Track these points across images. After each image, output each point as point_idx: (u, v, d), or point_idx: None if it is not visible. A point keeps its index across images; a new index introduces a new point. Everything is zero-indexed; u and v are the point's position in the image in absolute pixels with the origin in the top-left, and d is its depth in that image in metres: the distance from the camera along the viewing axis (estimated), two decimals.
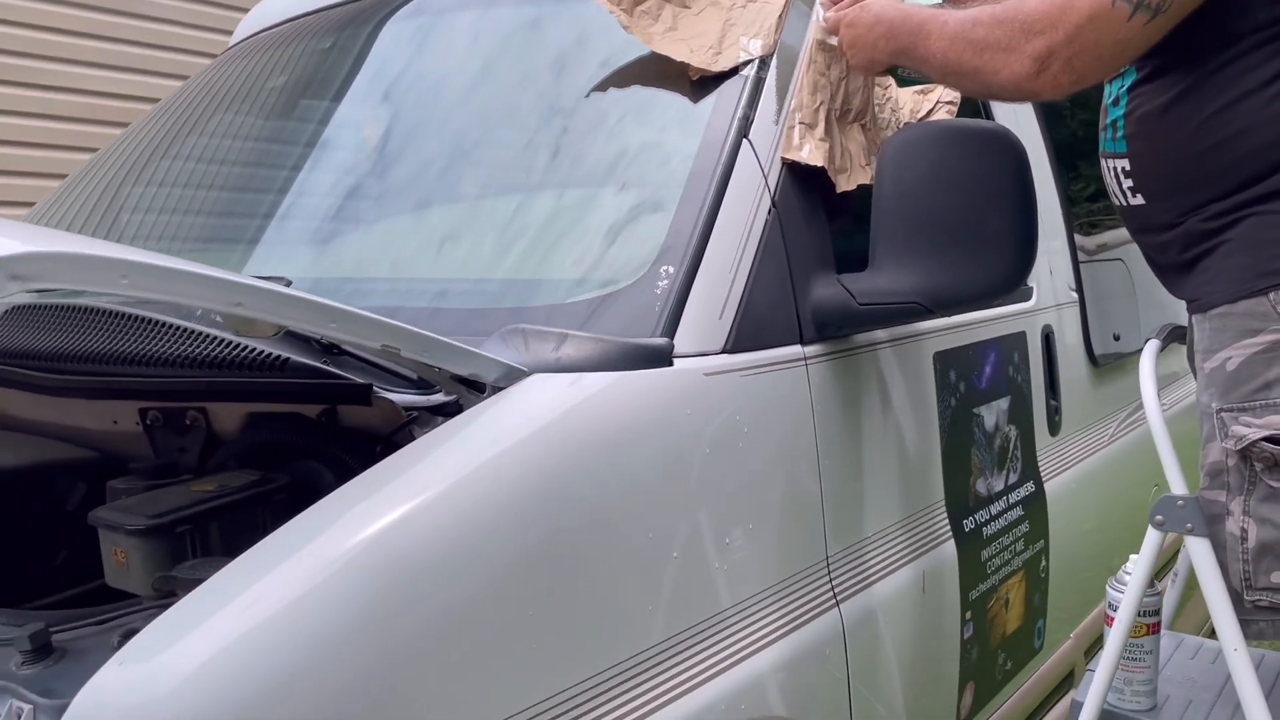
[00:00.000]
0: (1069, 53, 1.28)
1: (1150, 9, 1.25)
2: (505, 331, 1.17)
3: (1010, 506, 1.90)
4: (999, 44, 1.33)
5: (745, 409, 1.27)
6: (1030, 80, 1.32)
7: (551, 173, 1.50)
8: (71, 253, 0.72)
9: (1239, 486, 1.33)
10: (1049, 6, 1.30)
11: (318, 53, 1.97)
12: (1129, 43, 1.28)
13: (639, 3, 1.55)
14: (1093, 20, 1.26)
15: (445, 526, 0.93)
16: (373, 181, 1.68)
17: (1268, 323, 1.30)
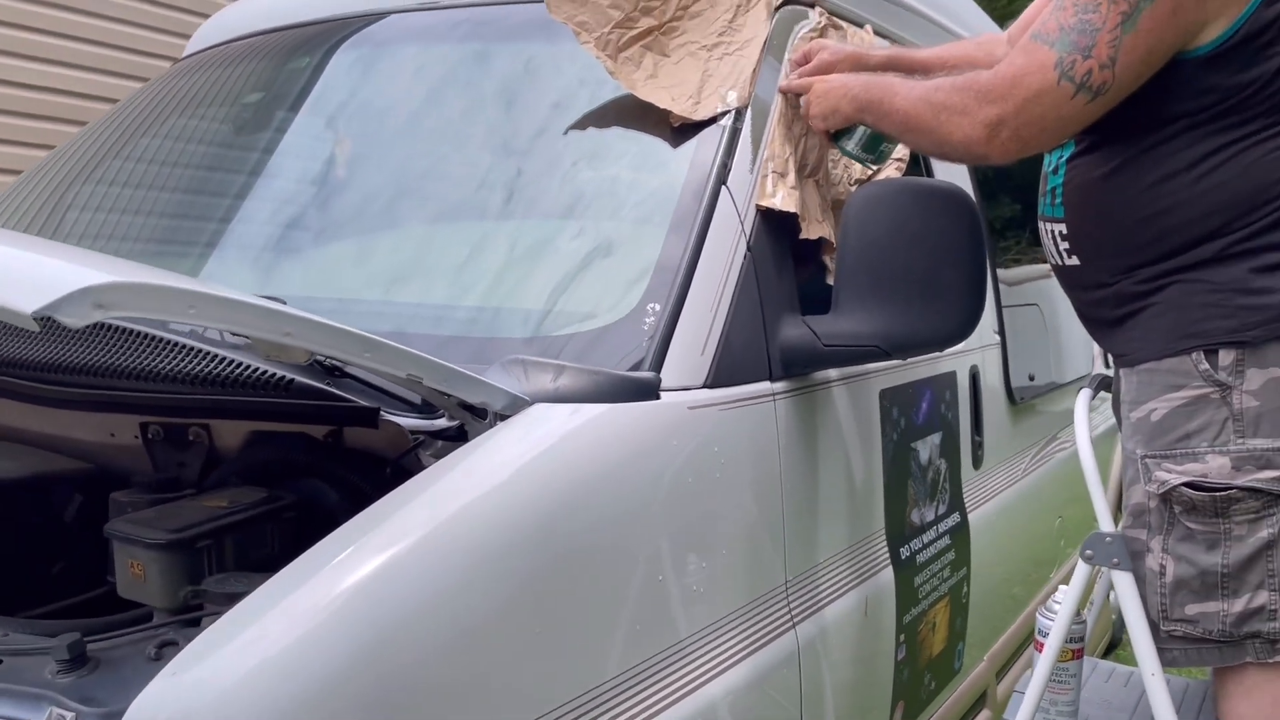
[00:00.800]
0: (1017, 123, 1.41)
1: (1091, 90, 1.39)
2: (506, 362, 1.23)
3: (939, 535, 2.03)
4: (956, 108, 1.45)
5: (723, 441, 1.35)
6: (981, 144, 1.45)
7: (538, 205, 1.57)
8: (149, 284, 0.76)
9: (1159, 526, 1.46)
10: (1002, 79, 1.43)
11: (291, 70, 1.99)
12: (1071, 119, 1.42)
13: (622, 49, 1.63)
14: (1040, 96, 1.40)
15: (466, 547, 0.98)
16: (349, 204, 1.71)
17: (1189, 380, 1.44)
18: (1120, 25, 1.36)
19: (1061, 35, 1.39)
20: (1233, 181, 1.43)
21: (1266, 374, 1.40)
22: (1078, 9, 1.39)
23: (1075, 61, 1.38)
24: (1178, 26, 1.38)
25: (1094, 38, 1.37)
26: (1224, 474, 1.40)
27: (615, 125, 1.63)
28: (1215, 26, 1.40)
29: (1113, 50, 1.37)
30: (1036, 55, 1.41)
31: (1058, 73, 1.38)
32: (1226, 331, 1.41)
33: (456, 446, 1.13)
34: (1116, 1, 1.36)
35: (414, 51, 1.89)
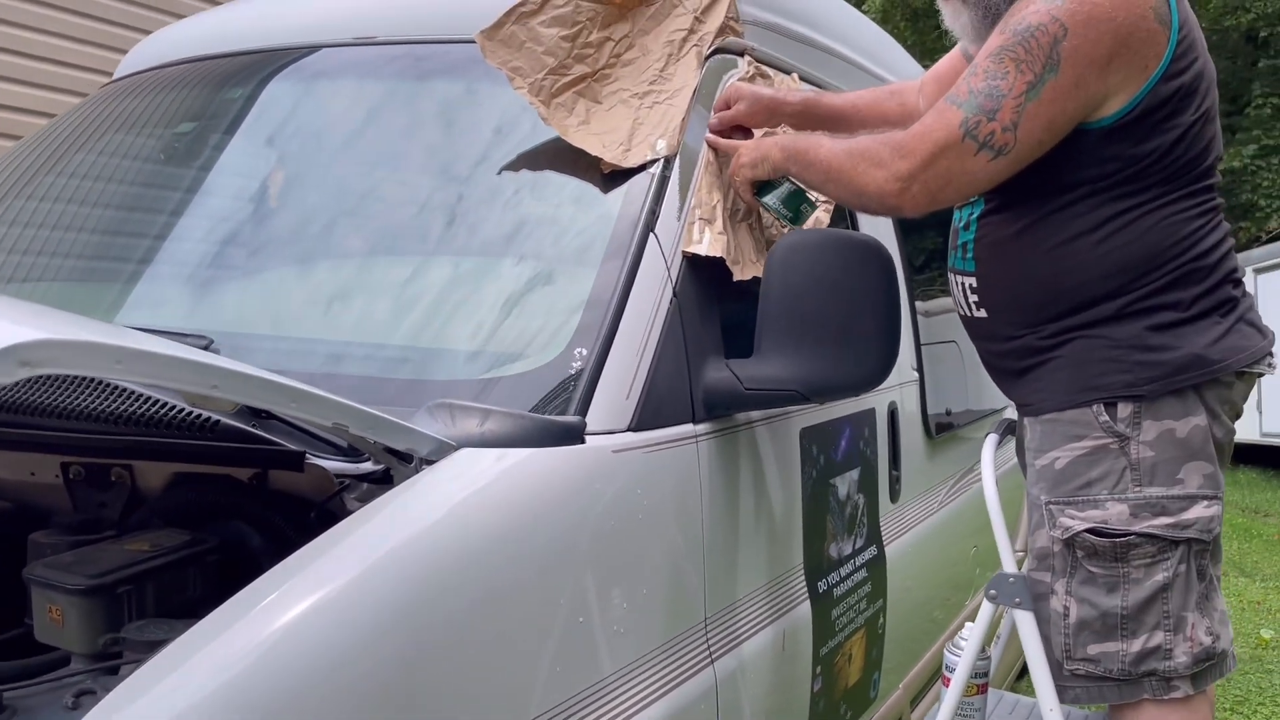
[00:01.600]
0: (925, 176, 1.49)
1: (993, 149, 1.47)
2: (432, 406, 1.25)
3: (857, 568, 2.09)
4: (874, 159, 1.53)
5: (645, 484, 1.39)
6: (893, 196, 1.52)
7: (468, 247, 1.59)
8: (75, 340, 0.77)
9: (1063, 570, 1.54)
10: (913, 135, 1.51)
11: (222, 100, 1.99)
12: (975, 175, 1.50)
13: (556, 95, 1.67)
14: (945, 151, 1.48)
15: (391, 591, 1.00)
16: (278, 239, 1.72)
17: (1090, 430, 1.52)
18: (1025, 93, 1.45)
19: (970, 98, 1.47)
20: (1131, 245, 1.52)
21: (1161, 426, 1.49)
22: (987, 75, 1.47)
23: (980, 122, 1.46)
24: (1079, 99, 1.47)
25: (999, 102, 1.45)
26: (1123, 520, 1.48)
27: (547, 169, 1.67)
28: (1116, 100, 1.49)
29: (1016, 115, 1.45)
30: (945, 115, 1.49)
31: (963, 131, 1.46)
32: (1124, 385, 1.50)
33: (382, 490, 1.15)
34: (1023, 71, 1.45)
35: (347, 86, 1.90)
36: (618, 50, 1.76)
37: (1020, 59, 1.46)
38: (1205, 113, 1.56)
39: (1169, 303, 1.50)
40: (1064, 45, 1.44)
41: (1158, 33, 1.48)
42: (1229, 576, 6.74)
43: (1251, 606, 5.99)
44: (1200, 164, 1.55)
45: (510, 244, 1.58)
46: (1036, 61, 1.45)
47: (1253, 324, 1.57)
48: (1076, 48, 1.44)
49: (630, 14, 1.80)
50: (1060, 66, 1.44)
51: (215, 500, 1.31)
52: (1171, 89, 1.50)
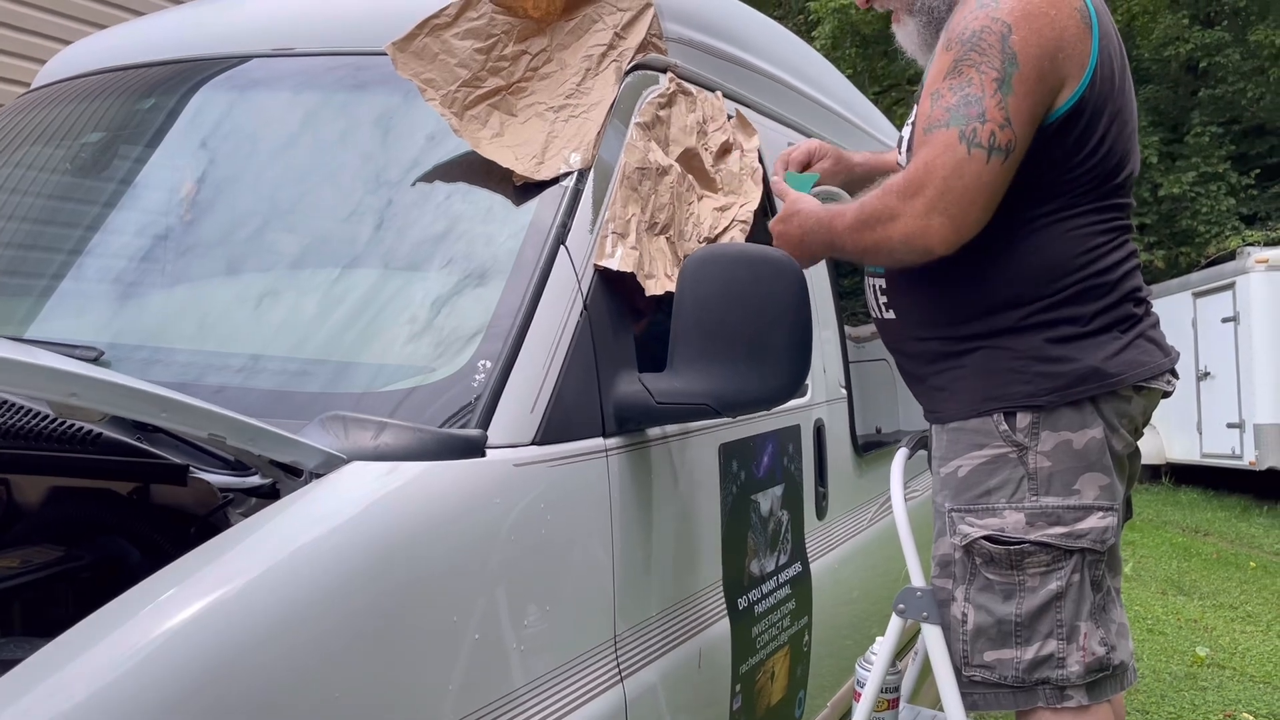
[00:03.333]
0: (944, 204, 1.47)
1: (1002, 150, 1.46)
2: (325, 418, 1.22)
3: (780, 585, 2.09)
4: (885, 215, 1.52)
5: (550, 498, 1.37)
6: (919, 237, 1.50)
7: (377, 259, 1.57)
8: None
9: (963, 576, 1.55)
10: (916, 171, 1.49)
11: (137, 111, 1.95)
12: (994, 183, 1.48)
13: (469, 107, 1.66)
14: (958, 170, 1.46)
15: (264, 612, 0.97)
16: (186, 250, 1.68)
17: (991, 439, 1.54)
18: (998, 90, 1.45)
19: (951, 114, 1.47)
20: (1034, 255, 1.53)
21: (1058, 436, 1.51)
22: (953, 88, 1.48)
23: (975, 129, 1.45)
24: (1045, 88, 1.48)
25: (981, 105, 1.45)
26: (1019, 529, 1.50)
27: (458, 181, 1.65)
28: (1064, 93, 1.50)
29: (1003, 112, 1.45)
30: (938, 139, 1.48)
31: (964, 144, 1.45)
32: (1024, 396, 1.52)
33: (269, 504, 1.12)
34: (986, 72, 1.45)
35: (263, 97, 1.88)
36: (534, 64, 1.75)
37: (977, 63, 1.46)
38: (1123, 126, 1.58)
39: (1069, 316, 1.52)
40: (1013, 39, 1.45)
41: (1085, 32, 1.51)
42: (1167, 596, 6.85)
43: (1189, 624, 6.08)
44: (1113, 178, 1.57)
45: (419, 256, 1.56)
46: (994, 60, 1.45)
47: (1154, 341, 1.59)
48: (1025, 39, 1.45)
49: (548, 28, 1.79)
50: (1017, 59, 1.45)
51: (96, 516, 1.27)
52: (1095, 93, 1.52)
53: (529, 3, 1.75)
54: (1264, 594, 6.93)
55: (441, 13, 1.68)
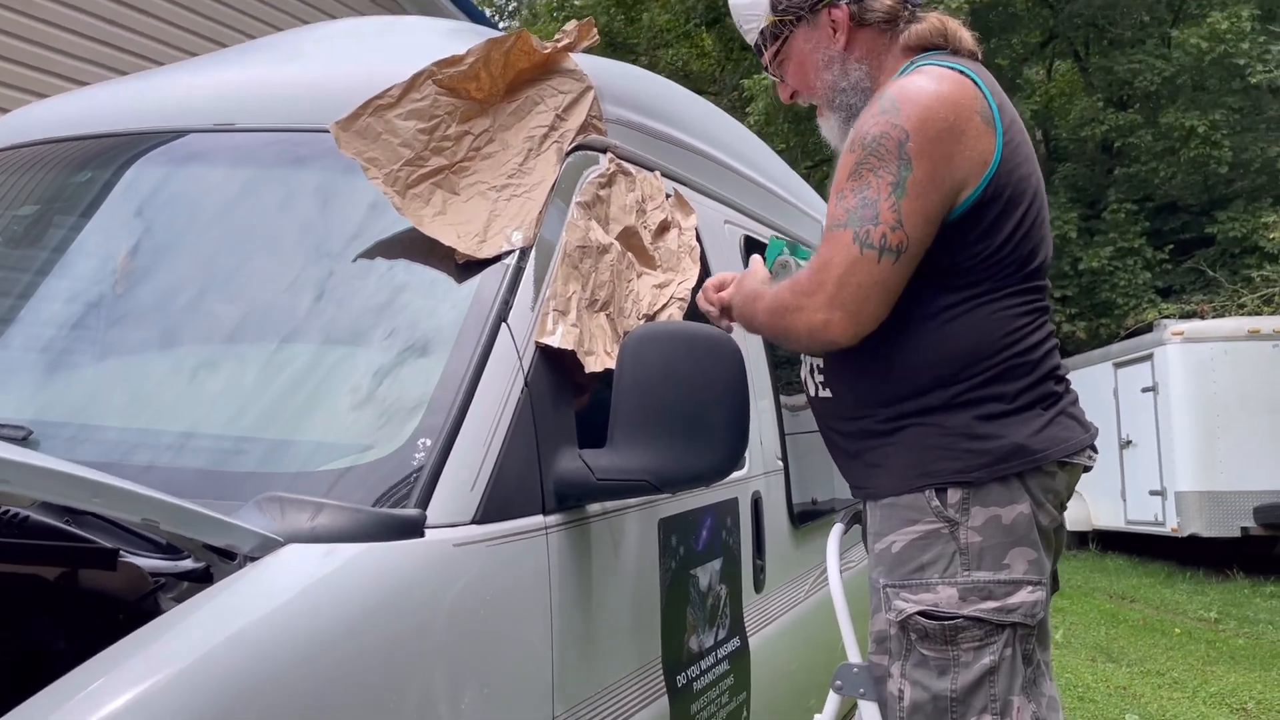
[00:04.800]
0: (841, 300, 1.56)
1: (893, 251, 1.54)
2: (262, 499, 1.21)
3: (719, 661, 2.08)
4: (793, 307, 1.61)
5: (489, 578, 1.36)
6: (821, 331, 1.59)
7: (316, 335, 1.56)
8: None
9: (898, 652, 1.57)
10: (815, 270, 1.59)
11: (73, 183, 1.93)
12: (887, 282, 1.57)
13: (412, 186, 1.68)
14: (850, 270, 1.55)
15: (196, 702, 0.95)
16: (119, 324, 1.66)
17: (923, 515, 1.57)
18: (893, 193, 1.53)
19: (849, 215, 1.55)
20: (959, 336, 1.59)
21: (988, 512, 1.55)
22: (853, 190, 1.56)
23: (868, 232, 1.53)
24: (941, 191, 1.55)
25: (876, 208, 1.53)
26: (952, 604, 1.53)
27: (400, 259, 1.66)
28: (964, 192, 1.58)
29: (896, 215, 1.53)
30: (836, 239, 1.57)
31: (858, 245, 1.54)
32: (954, 472, 1.56)
33: (203, 589, 1.10)
34: (882, 176, 1.53)
35: (204, 172, 1.87)
36: (477, 144, 1.78)
37: (874, 167, 1.54)
38: (1035, 216, 1.66)
39: (995, 395, 1.58)
40: (909, 146, 1.54)
41: (986, 132, 1.59)
42: (1096, 662, 6.94)
43: (1118, 692, 6.17)
44: (1029, 264, 1.64)
45: (359, 333, 1.56)
46: (890, 165, 1.53)
47: (1074, 417, 1.65)
48: (921, 146, 1.54)
49: (491, 109, 1.83)
50: (913, 164, 1.53)
51: (20, 603, 1.23)
52: (1002, 185, 1.60)
53: (472, 85, 1.78)
54: (1189, 660, 7.06)
55: (385, 93, 1.71)
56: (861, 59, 1.77)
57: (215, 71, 2.21)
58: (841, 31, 1.77)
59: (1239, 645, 7.55)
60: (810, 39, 1.80)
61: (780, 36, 1.83)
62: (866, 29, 1.77)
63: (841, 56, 1.78)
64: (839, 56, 1.78)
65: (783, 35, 1.83)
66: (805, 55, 1.82)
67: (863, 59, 1.77)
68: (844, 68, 1.78)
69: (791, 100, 1.93)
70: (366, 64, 2.04)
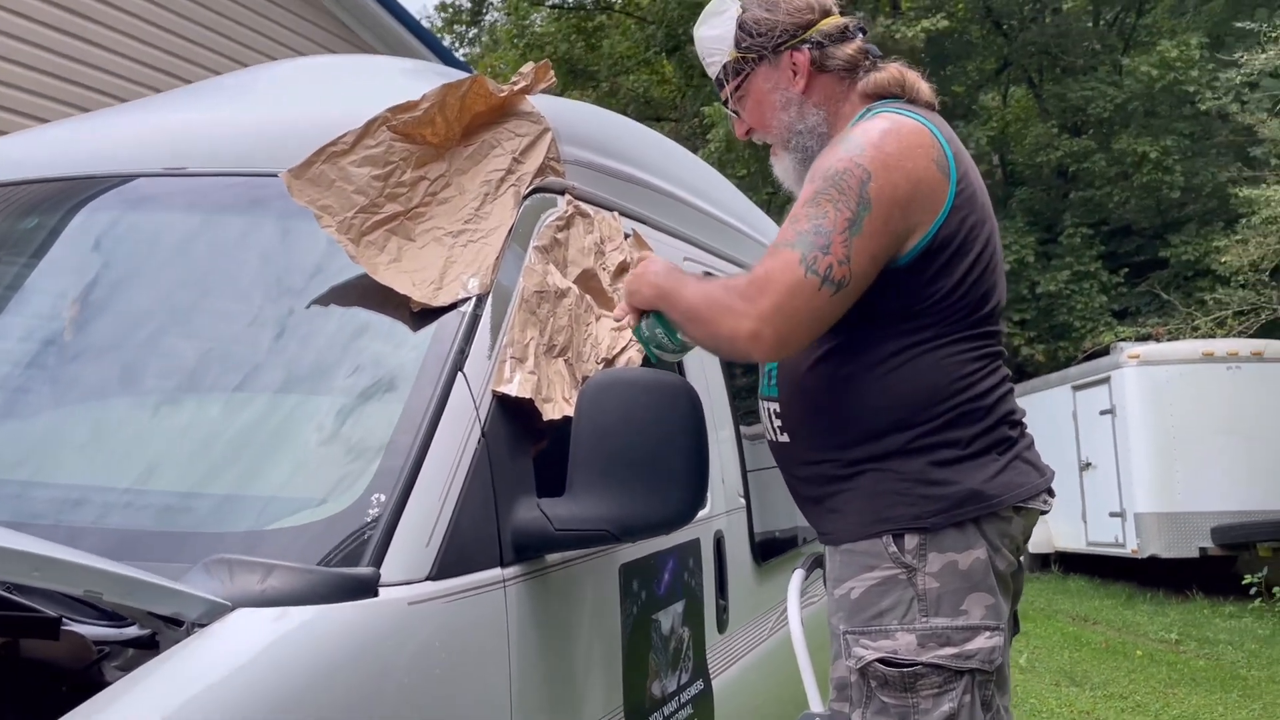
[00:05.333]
0: (775, 319, 1.53)
1: (834, 284, 1.53)
2: (210, 562, 1.18)
3: (681, 706, 2.06)
4: (727, 306, 1.57)
5: (445, 636, 1.34)
6: (745, 340, 1.56)
7: (263, 387, 1.54)
8: None
9: (859, 700, 1.56)
10: (756, 279, 1.56)
11: (19, 229, 1.90)
12: (820, 311, 1.55)
13: (366, 233, 1.66)
14: (792, 291, 1.53)
15: None
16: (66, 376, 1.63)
17: (881, 561, 1.57)
18: (848, 229, 1.53)
19: (800, 238, 1.54)
20: (912, 381, 1.60)
21: (945, 558, 1.55)
22: (809, 216, 1.55)
23: (817, 258, 1.52)
24: (890, 234, 1.56)
25: (829, 238, 1.53)
26: (911, 650, 1.52)
27: (355, 307, 1.64)
28: (911, 240, 1.59)
29: (846, 250, 1.53)
30: (781, 256, 1.55)
31: (804, 268, 1.52)
32: (910, 518, 1.56)
33: (148, 657, 1.07)
34: (841, 210, 1.53)
35: (153, 218, 1.84)
36: (433, 189, 1.77)
37: (835, 199, 1.54)
38: (987, 263, 1.68)
39: (949, 440, 1.58)
40: (870, 186, 1.54)
41: (941, 181, 1.60)
42: (1060, 687, 6.98)
43: (1081, 716, 6.20)
44: (980, 309, 1.65)
45: (311, 386, 1.54)
46: (851, 200, 1.54)
47: (1030, 462, 1.66)
48: (881, 189, 1.54)
49: (447, 154, 1.82)
50: (871, 205, 1.54)
51: None
52: (953, 232, 1.61)
53: (427, 130, 1.77)
54: (1151, 682, 7.12)
55: (339, 140, 1.69)
56: (820, 104, 1.78)
57: (166, 113, 2.18)
58: (801, 75, 1.77)
59: (1199, 667, 7.63)
60: (770, 79, 1.81)
61: (741, 73, 1.83)
62: (826, 74, 1.78)
63: (800, 100, 1.79)
64: (797, 99, 1.79)
65: (744, 72, 1.82)
66: (764, 94, 1.82)
67: (821, 104, 1.78)
68: (801, 111, 1.79)
69: (746, 137, 1.93)
70: (320, 107, 2.03)
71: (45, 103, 5.85)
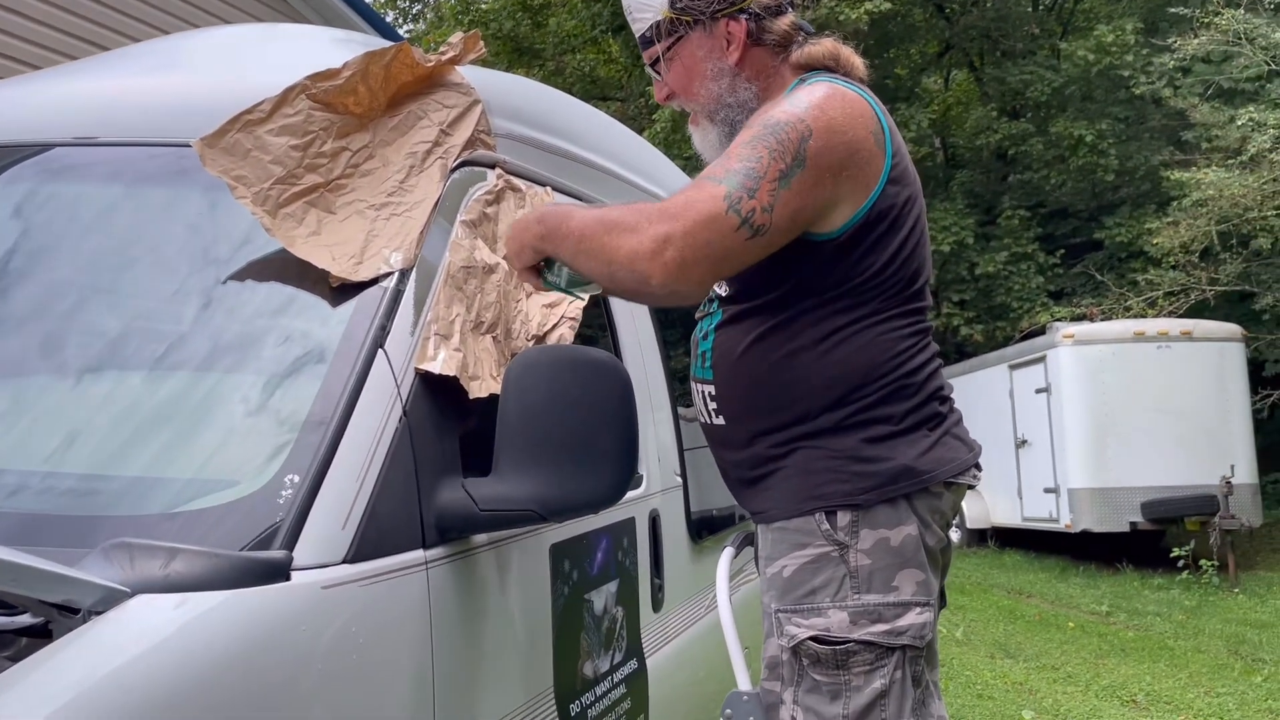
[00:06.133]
0: (684, 243, 1.46)
1: (752, 228, 1.49)
2: (108, 546, 1.13)
3: (614, 686, 2.05)
4: (627, 225, 1.49)
5: (362, 620, 1.30)
6: (645, 260, 1.46)
7: (172, 364, 1.48)
8: None
9: (790, 678, 1.56)
10: (674, 202, 1.50)
11: None
12: (732, 252, 1.49)
13: (283, 205, 1.60)
14: (709, 222, 1.47)
15: None
16: None
17: (813, 538, 1.56)
18: (779, 180, 1.49)
19: (729, 176, 1.49)
20: (850, 358, 1.59)
21: (877, 534, 1.54)
22: (741, 158, 1.51)
23: (742, 199, 1.47)
24: (817, 198, 1.53)
25: (758, 183, 1.48)
26: (843, 628, 1.52)
27: (271, 281, 1.59)
28: (841, 214, 1.57)
29: (771, 199, 1.49)
30: (706, 188, 1.49)
31: (726, 204, 1.47)
32: (843, 495, 1.55)
33: (39, 646, 1.01)
34: (775, 160, 1.49)
35: (61, 189, 1.76)
36: (355, 160, 1.72)
37: (773, 149, 1.50)
38: (919, 238, 1.67)
39: (882, 416, 1.58)
40: (809, 145, 1.51)
41: (877, 154, 1.58)
42: (995, 659, 7.13)
43: (1015, 688, 6.34)
44: (912, 285, 1.65)
45: (223, 363, 1.48)
46: (787, 153, 1.50)
47: (959, 438, 1.66)
48: (819, 150, 1.51)
49: (371, 124, 1.76)
50: (806, 163, 1.50)
51: None
52: (888, 207, 1.60)
53: (350, 99, 1.72)
54: (1082, 654, 7.30)
55: (255, 108, 1.63)
56: (752, 78, 1.74)
57: (80, 81, 2.09)
58: (736, 46, 1.72)
59: (1129, 638, 7.85)
60: (703, 46, 1.73)
61: (674, 35, 1.75)
62: (760, 48, 1.74)
63: (732, 72, 1.73)
64: (729, 71, 1.73)
65: (677, 34, 1.74)
66: (695, 62, 1.75)
67: (753, 78, 1.74)
68: (733, 83, 1.74)
69: (666, 101, 1.86)
70: (240, 75, 1.95)
71: None
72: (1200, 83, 14.49)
